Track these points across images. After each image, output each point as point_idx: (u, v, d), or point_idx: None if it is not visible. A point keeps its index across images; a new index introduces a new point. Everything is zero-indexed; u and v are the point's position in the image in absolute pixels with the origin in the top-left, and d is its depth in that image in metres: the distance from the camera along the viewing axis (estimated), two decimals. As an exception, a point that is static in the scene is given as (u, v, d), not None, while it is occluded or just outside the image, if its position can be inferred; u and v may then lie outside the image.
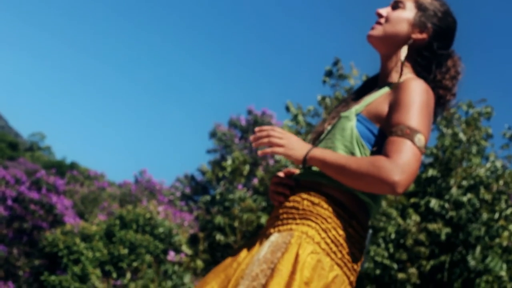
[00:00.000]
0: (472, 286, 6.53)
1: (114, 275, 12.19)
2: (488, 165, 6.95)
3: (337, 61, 7.64)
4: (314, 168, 2.27)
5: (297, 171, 2.44)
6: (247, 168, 7.68)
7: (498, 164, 6.85)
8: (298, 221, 2.21)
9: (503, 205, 6.61)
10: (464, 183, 6.71)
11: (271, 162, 11.04)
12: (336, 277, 2.15)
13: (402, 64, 2.37)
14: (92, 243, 12.58)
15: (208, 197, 8.46)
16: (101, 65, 54.20)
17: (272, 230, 2.25)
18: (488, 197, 6.61)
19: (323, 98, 7.36)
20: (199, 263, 7.17)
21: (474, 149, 7.00)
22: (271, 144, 2.24)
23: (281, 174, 2.45)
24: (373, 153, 2.22)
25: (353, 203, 2.24)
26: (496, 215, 6.55)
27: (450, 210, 6.57)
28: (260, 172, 7.43)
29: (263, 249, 2.17)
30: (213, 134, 19.40)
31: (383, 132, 2.23)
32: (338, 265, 2.18)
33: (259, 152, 2.25)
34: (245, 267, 2.18)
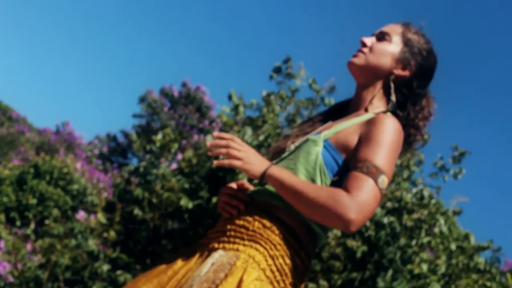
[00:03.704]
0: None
1: (18, 223, 11.92)
2: (415, 190, 6.99)
3: (288, 59, 7.51)
4: (271, 189, 2.18)
5: (251, 187, 2.35)
6: (175, 146, 7.54)
7: (426, 193, 6.88)
8: (246, 242, 2.11)
9: (422, 234, 6.65)
10: (389, 205, 6.74)
11: (196, 137, 10.91)
12: None
13: (390, 102, 2.33)
14: (2, 187, 12.27)
15: (131, 167, 8.29)
16: (39, 10, 52.72)
17: (216, 245, 2.14)
18: (410, 223, 6.65)
19: (268, 95, 7.25)
20: (112, 233, 7.03)
21: (405, 173, 7.04)
22: (229, 156, 2.13)
23: (233, 185, 2.35)
24: (333, 183, 2.13)
25: (305, 232, 2.16)
26: (413, 242, 6.59)
27: (371, 229, 6.58)
28: (189, 153, 7.30)
29: (205, 266, 2.06)
30: (142, 99, 19.17)
31: (347, 164, 2.15)
32: (279, 294, 2.11)
33: (215, 162, 2.15)
34: (181, 277, 2.08)
